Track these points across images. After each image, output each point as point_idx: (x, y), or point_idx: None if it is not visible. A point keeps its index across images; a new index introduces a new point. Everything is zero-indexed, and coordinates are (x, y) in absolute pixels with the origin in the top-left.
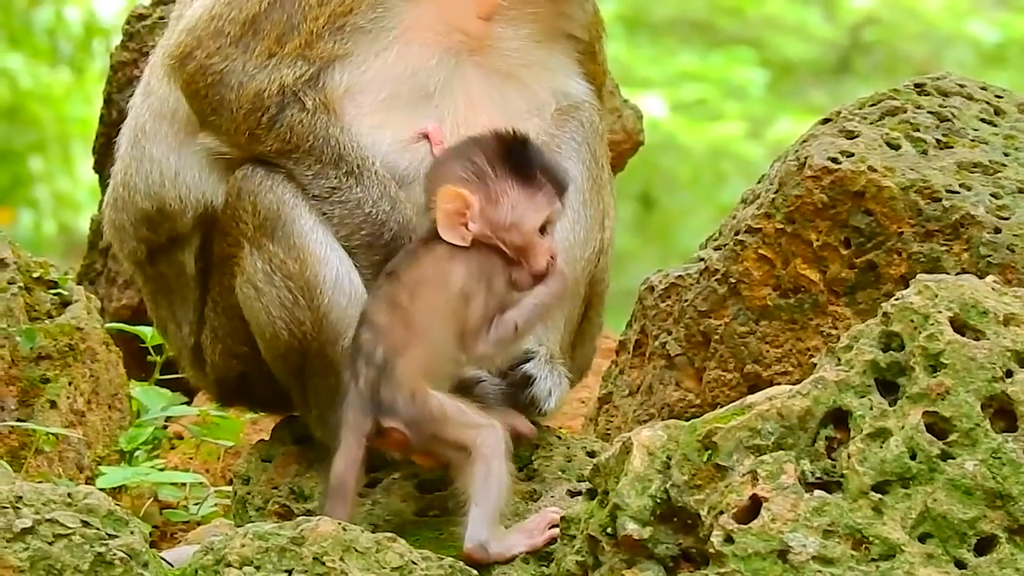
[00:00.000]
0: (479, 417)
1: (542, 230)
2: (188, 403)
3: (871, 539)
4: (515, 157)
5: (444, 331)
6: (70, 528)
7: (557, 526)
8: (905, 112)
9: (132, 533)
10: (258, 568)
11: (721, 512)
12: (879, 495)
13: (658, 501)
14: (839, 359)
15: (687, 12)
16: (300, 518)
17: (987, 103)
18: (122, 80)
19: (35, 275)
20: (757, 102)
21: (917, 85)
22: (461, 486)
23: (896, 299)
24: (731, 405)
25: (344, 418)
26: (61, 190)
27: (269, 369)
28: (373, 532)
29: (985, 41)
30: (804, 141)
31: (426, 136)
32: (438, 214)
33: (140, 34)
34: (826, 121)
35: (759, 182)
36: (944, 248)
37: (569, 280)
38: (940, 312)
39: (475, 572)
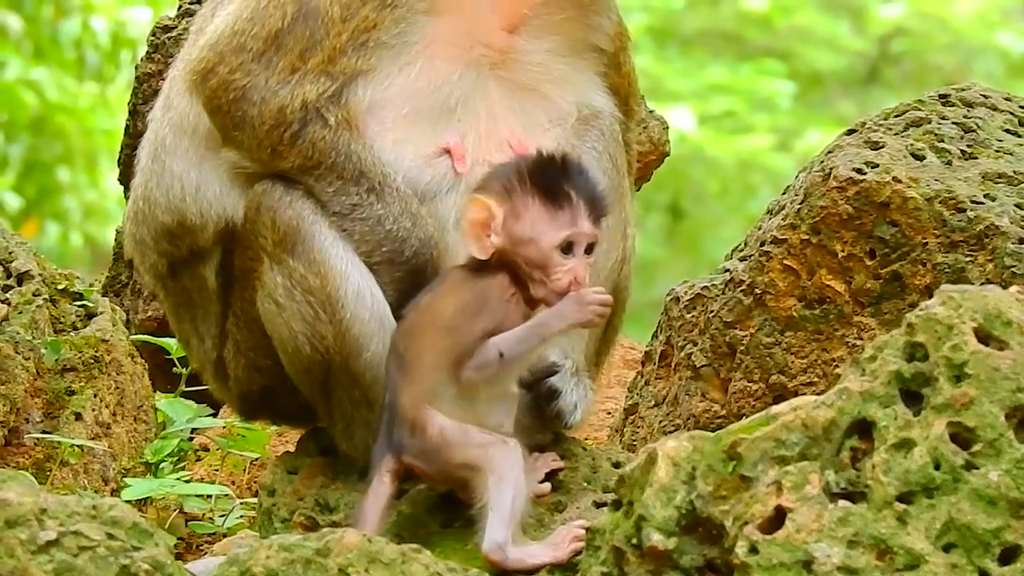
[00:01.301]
0: (486, 436)
1: (567, 249)
2: (214, 415)
3: (895, 549)
4: (543, 173)
5: (434, 358)
6: (95, 540)
7: (582, 539)
8: (930, 123)
9: (157, 545)
10: None
11: (746, 523)
12: (903, 505)
13: (683, 512)
14: (863, 369)
15: (717, 24)
16: (325, 530)
17: (1011, 114)
18: (147, 92)
19: (60, 287)
20: (786, 114)
21: (942, 96)
22: (480, 502)
23: (920, 310)
24: (756, 416)
25: (373, 454)
26: (88, 202)
27: (292, 383)
28: (399, 543)
29: (1014, 52)
30: (829, 152)
31: (448, 151)
32: (464, 223)
33: (165, 45)
34: (851, 132)
35: (784, 193)
36: (969, 259)
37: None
38: (964, 323)
39: None
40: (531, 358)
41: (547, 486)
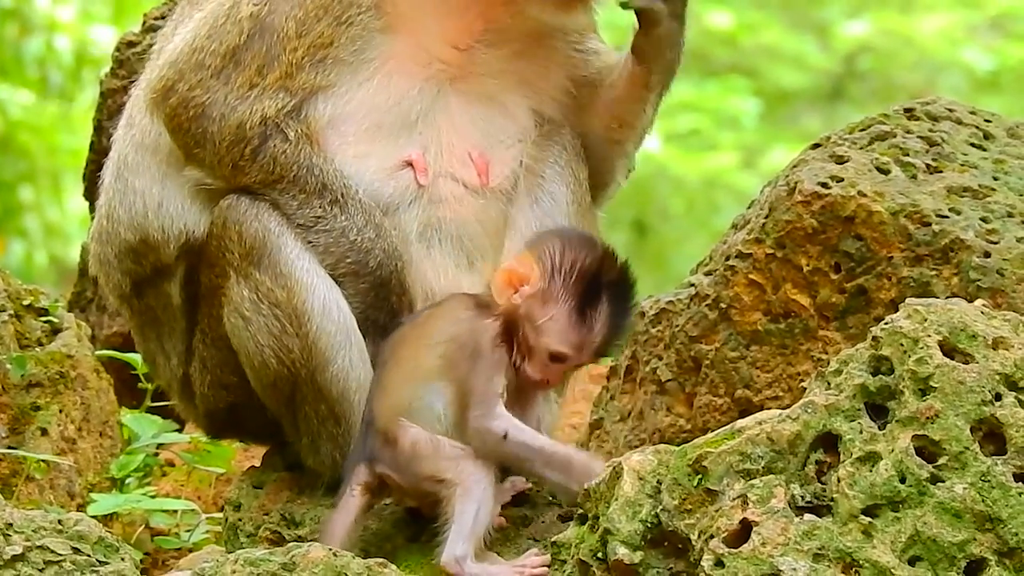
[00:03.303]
0: (457, 450)
1: (556, 359)
2: (179, 430)
3: (861, 563)
4: (591, 285)
5: (413, 372)
6: (61, 555)
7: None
8: (895, 137)
9: (123, 560)
10: None
11: (712, 536)
12: (869, 519)
13: (649, 525)
14: (829, 383)
15: None
16: (291, 544)
17: (976, 127)
18: (112, 108)
19: (25, 303)
20: (751, 132)
21: (907, 110)
22: (445, 515)
23: (885, 323)
24: (721, 429)
25: (345, 465)
26: (51, 221)
27: (259, 400)
28: (364, 558)
29: (979, 68)
30: (794, 166)
31: (410, 164)
32: (505, 265)
33: (130, 61)
34: (816, 146)
35: (749, 207)
36: (934, 272)
37: None
38: (929, 336)
39: None
40: (522, 459)
41: (502, 519)
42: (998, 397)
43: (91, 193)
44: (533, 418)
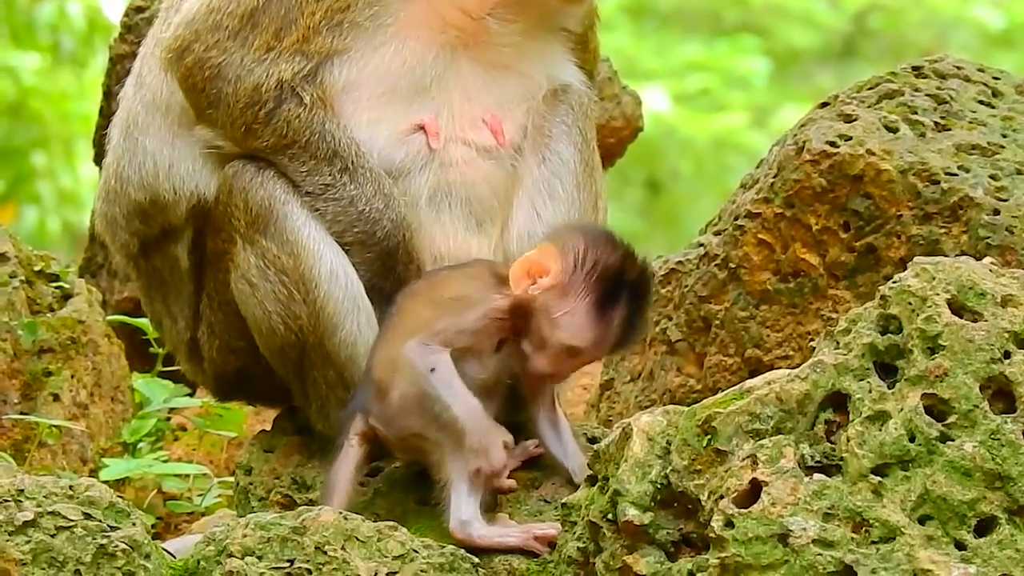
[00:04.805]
0: None
1: (571, 352)
2: (191, 394)
3: (871, 522)
4: (613, 282)
5: (413, 326)
6: (72, 520)
7: (552, 541)
8: (903, 95)
9: (134, 525)
10: (260, 558)
11: (721, 497)
12: (878, 478)
13: (658, 487)
14: (837, 342)
15: (692, 1)
16: (302, 508)
17: (985, 85)
18: (121, 73)
19: (36, 268)
20: (761, 92)
21: (915, 68)
22: (440, 478)
23: (894, 282)
24: (730, 390)
25: (343, 415)
26: (64, 187)
27: (267, 363)
28: (375, 521)
29: (990, 25)
30: (802, 125)
31: (422, 128)
32: (525, 255)
33: (139, 26)
34: (824, 105)
35: (758, 167)
36: (943, 230)
37: None
38: (938, 294)
39: (476, 559)
40: (432, 399)
41: (513, 482)
42: (1007, 355)
43: (101, 158)
44: (548, 394)
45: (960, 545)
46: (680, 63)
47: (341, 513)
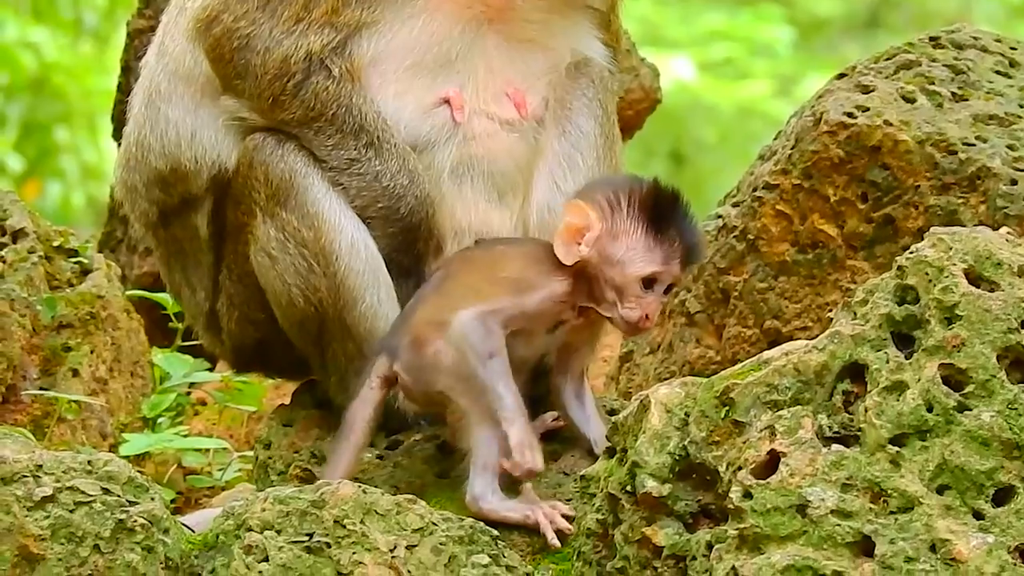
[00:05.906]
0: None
1: (648, 284)
2: (211, 369)
3: (889, 492)
4: (656, 204)
5: (465, 297)
6: (91, 496)
7: (562, 526)
8: (920, 65)
9: (153, 499)
10: (279, 532)
11: (739, 468)
12: (896, 448)
13: (677, 458)
14: (855, 313)
15: None
16: (320, 482)
17: (1002, 55)
18: (139, 48)
19: (55, 244)
20: (785, 60)
21: (932, 38)
22: (462, 445)
23: (910, 252)
24: (748, 361)
25: (371, 359)
26: (87, 161)
27: (286, 336)
28: (394, 494)
29: None
30: (820, 96)
31: (447, 101)
32: (560, 225)
33: (156, 2)
34: (841, 76)
35: (776, 138)
36: (961, 201)
37: None
38: (955, 264)
39: (495, 532)
40: (479, 382)
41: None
42: None
43: (119, 134)
44: (578, 367)
45: (978, 515)
46: (704, 32)
47: (360, 486)
